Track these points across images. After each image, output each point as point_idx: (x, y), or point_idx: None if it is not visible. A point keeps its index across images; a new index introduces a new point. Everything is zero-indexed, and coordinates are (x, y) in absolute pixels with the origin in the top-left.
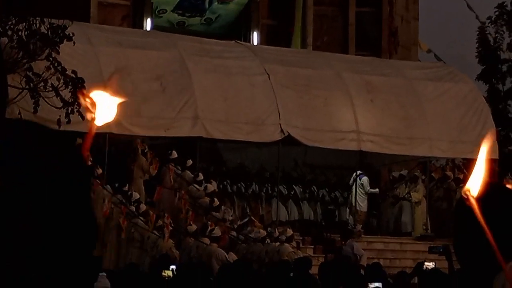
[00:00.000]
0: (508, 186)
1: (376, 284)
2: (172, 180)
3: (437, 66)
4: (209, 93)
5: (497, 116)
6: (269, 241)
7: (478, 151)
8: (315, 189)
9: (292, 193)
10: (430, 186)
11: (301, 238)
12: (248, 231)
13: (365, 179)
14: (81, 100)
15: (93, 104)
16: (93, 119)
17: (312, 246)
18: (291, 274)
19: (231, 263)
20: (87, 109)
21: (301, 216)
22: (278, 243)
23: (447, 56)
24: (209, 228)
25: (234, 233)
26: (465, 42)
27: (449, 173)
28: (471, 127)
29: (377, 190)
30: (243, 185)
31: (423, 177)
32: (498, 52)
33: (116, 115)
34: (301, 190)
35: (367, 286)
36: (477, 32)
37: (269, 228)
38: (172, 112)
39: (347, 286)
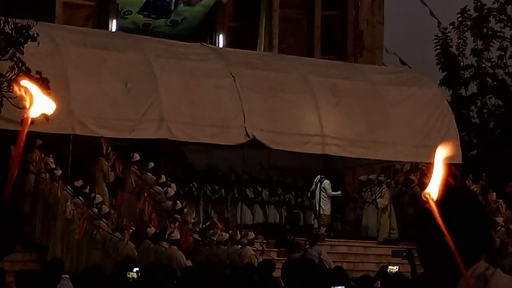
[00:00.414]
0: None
1: None
2: (133, 183)
3: (402, 71)
4: (174, 95)
5: (460, 121)
6: (231, 244)
7: (435, 155)
8: (281, 192)
9: (259, 197)
10: (396, 191)
11: (265, 241)
12: (211, 234)
13: (326, 182)
14: (16, 90)
15: (29, 95)
16: (27, 109)
17: (276, 249)
18: (255, 277)
19: (195, 266)
20: (22, 99)
21: (266, 219)
22: (239, 246)
23: (411, 61)
24: (168, 231)
25: (196, 235)
26: (430, 47)
27: (413, 177)
28: (435, 131)
29: (339, 192)
30: (209, 188)
31: (388, 180)
32: (460, 58)
33: (80, 116)
34: (268, 193)
35: None
36: (435, 40)
37: (230, 231)
38: (137, 114)
39: None
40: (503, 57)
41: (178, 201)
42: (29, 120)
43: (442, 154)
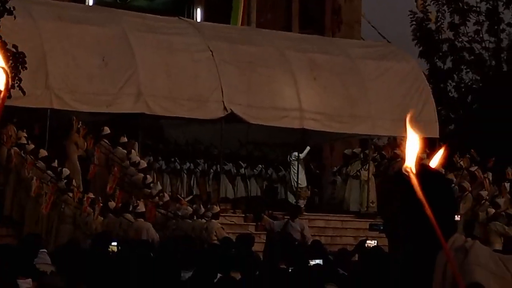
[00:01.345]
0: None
1: (317, 261)
2: (103, 157)
3: (380, 45)
4: (152, 70)
5: (438, 95)
6: (196, 218)
7: (406, 129)
8: (262, 166)
9: (240, 171)
10: (384, 165)
11: (243, 215)
12: (177, 208)
13: (294, 153)
14: None
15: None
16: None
17: (254, 223)
18: (233, 251)
19: (173, 239)
20: None
21: (247, 193)
22: (205, 220)
23: (390, 35)
24: (132, 204)
25: (162, 210)
26: (408, 21)
27: (398, 151)
28: (413, 105)
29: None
30: (190, 162)
31: (375, 155)
32: (439, 32)
33: (58, 90)
34: (246, 167)
35: (308, 263)
36: (410, 15)
37: (194, 205)
38: (114, 88)
39: (288, 263)
40: (479, 32)
41: (148, 175)
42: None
43: (412, 127)
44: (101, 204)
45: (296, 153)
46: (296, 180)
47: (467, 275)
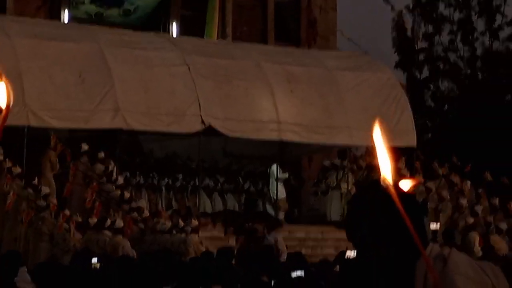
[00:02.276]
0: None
1: (298, 273)
2: (81, 174)
3: (356, 55)
4: (129, 85)
5: (415, 104)
6: (175, 232)
7: (380, 139)
8: (240, 180)
9: (218, 185)
10: (360, 175)
11: (223, 228)
12: (155, 223)
13: (273, 167)
14: None
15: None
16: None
17: (235, 237)
18: (214, 265)
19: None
20: None
21: (225, 207)
22: (184, 234)
23: (365, 47)
24: (110, 220)
25: (141, 224)
26: (383, 31)
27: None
28: (390, 115)
29: (286, 174)
30: (168, 177)
31: (353, 166)
32: (414, 41)
33: (35, 108)
34: (225, 181)
35: (289, 275)
36: (392, 23)
37: (173, 219)
38: (92, 104)
39: (270, 276)
40: (454, 41)
41: (125, 191)
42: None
43: (379, 136)
44: (79, 221)
45: (274, 166)
46: (275, 192)
47: (448, 284)
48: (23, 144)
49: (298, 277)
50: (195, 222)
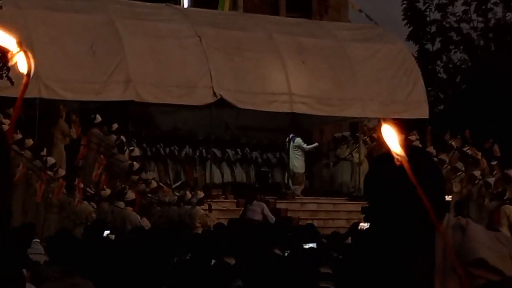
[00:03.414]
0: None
1: (311, 245)
2: (95, 146)
3: (367, 27)
4: (140, 57)
5: (427, 76)
6: (183, 204)
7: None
8: (248, 151)
9: (226, 156)
10: (372, 147)
11: (235, 200)
12: (162, 195)
13: (298, 140)
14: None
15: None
16: (26, 73)
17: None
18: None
19: (166, 226)
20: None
21: (234, 178)
22: (189, 206)
23: (377, 18)
24: (122, 192)
25: (150, 196)
26: (395, 2)
27: None
28: (402, 87)
29: (316, 144)
30: (176, 148)
31: (365, 138)
32: (427, 13)
33: (46, 79)
34: (234, 152)
35: (302, 246)
36: None
37: (181, 191)
38: (103, 76)
39: (282, 248)
40: (467, 12)
41: (135, 162)
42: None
43: (388, 131)
44: (91, 193)
45: (297, 139)
46: (295, 165)
47: (470, 252)
48: (35, 116)
49: (311, 248)
50: (201, 194)
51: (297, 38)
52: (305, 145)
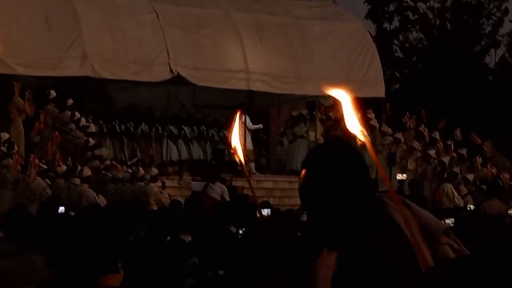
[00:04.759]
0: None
1: (266, 210)
2: (51, 121)
3: (325, 5)
4: (97, 32)
5: (384, 55)
6: (136, 181)
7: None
8: (205, 128)
9: (183, 133)
10: (328, 125)
11: (191, 177)
12: (116, 171)
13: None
14: None
15: None
16: None
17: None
18: (182, 214)
19: (122, 202)
20: None
21: (190, 156)
22: (143, 183)
23: None
24: (79, 168)
25: (105, 172)
26: None
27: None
28: (358, 65)
29: (260, 125)
30: (132, 125)
31: (322, 116)
32: None
33: (0, 54)
34: (190, 130)
35: (257, 224)
36: None
37: (134, 167)
38: (59, 51)
39: (238, 225)
40: None
41: (90, 138)
42: None
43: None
44: (44, 168)
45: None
46: (243, 142)
47: (436, 223)
48: None
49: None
50: (154, 171)
51: (255, 15)
52: (250, 124)
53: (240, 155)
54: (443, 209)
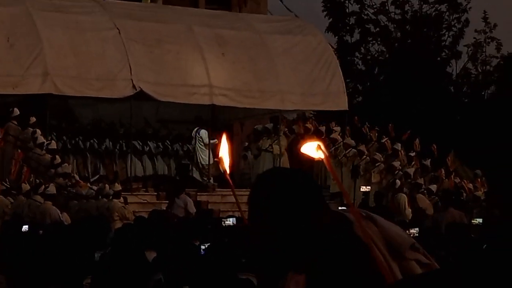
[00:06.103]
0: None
1: (231, 219)
2: (12, 139)
3: (287, 19)
4: (59, 49)
5: (346, 67)
6: (101, 198)
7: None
8: (169, 144)
9: (147, 148)
10: (292, 139)
11: (155, 193)
12: (80, 188)
13: (203, 131)
14: None
15: None
16: None
17: (167, 201)
18: (149, 229)
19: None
20: None
21: (155, 171)
22: (106, 200)
23: (297, 9)
24: (43, 186)
25: (69, 189)
26: None
27: (309, 125)
28: (321, 79)
29: (215, 140)
30: (96, 141)
31: (285, 129)
32: (346, 5)
33: None
34: (155, 145)
35: (222, 239)
36: None
37: (100, 184)
38: (21, 69)
39: (201, 240)
40: (385, 4)
41: (57, 156)
42: None
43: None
44: (7, 186)
45: (202, 131)
46: (202, 157)
47: (403, 238)
48: None
49: (230, 226)
50: (118, 187)
51: (216, 30)
52: (207, 139)
53: (226, 166)
54: (408, 221)
